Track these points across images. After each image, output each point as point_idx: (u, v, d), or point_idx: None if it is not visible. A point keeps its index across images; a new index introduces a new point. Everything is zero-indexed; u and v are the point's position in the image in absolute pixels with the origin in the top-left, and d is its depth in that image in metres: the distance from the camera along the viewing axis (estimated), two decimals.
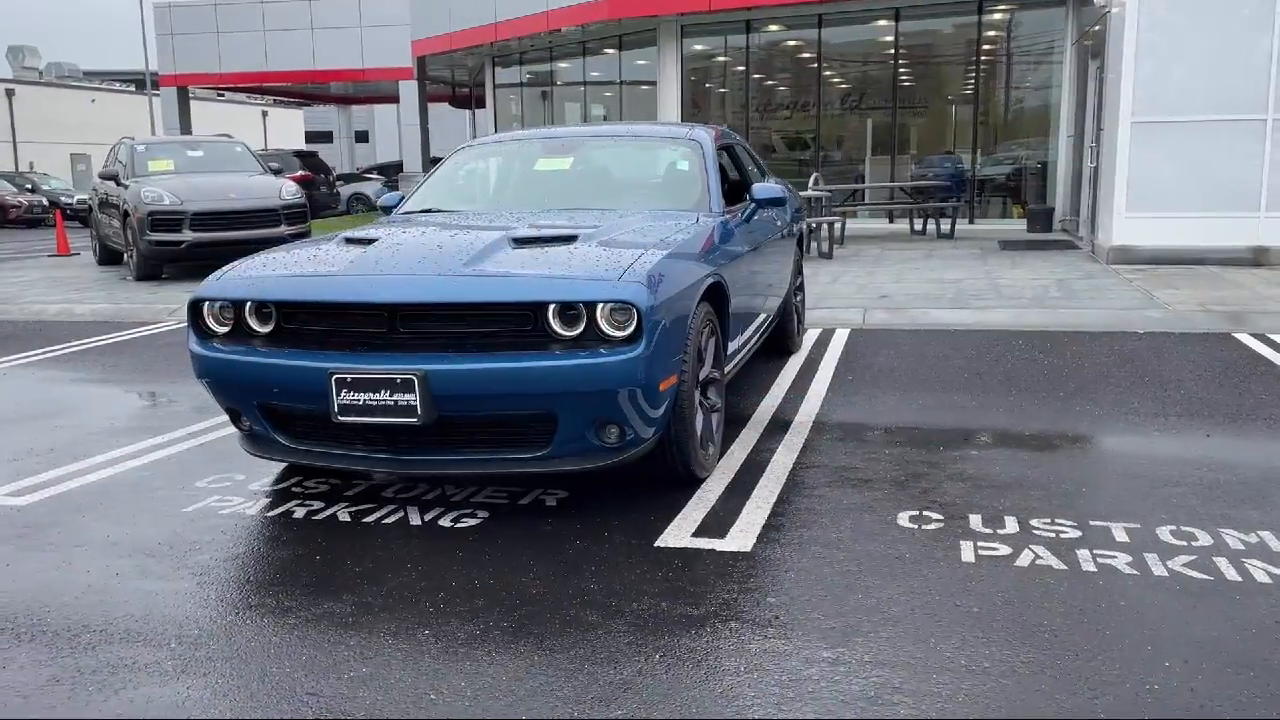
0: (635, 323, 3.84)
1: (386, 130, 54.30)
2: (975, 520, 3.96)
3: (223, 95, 45.43)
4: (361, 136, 51.84)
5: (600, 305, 3.85)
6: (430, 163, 28.53)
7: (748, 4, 16.31)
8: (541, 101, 22.46)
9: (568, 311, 3.88)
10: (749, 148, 6.95)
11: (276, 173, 14.78)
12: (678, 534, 3.90)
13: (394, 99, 36.26)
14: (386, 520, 4.15)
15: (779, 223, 6.46)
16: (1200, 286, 9.58)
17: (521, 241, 4.31)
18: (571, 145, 5.84)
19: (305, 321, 4.11)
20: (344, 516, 4.21)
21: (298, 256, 4.51)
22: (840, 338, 7.96)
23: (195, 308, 4.30)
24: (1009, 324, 8.32)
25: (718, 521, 4.02)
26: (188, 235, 12.41)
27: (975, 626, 3.06)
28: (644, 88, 19.26)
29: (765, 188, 5.51)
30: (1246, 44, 10.83)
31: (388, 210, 6.01)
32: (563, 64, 20.99)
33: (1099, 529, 3.84)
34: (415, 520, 4.14)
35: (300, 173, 23.75)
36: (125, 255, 13.34)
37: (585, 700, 2.68)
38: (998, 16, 16.33)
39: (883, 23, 16.62)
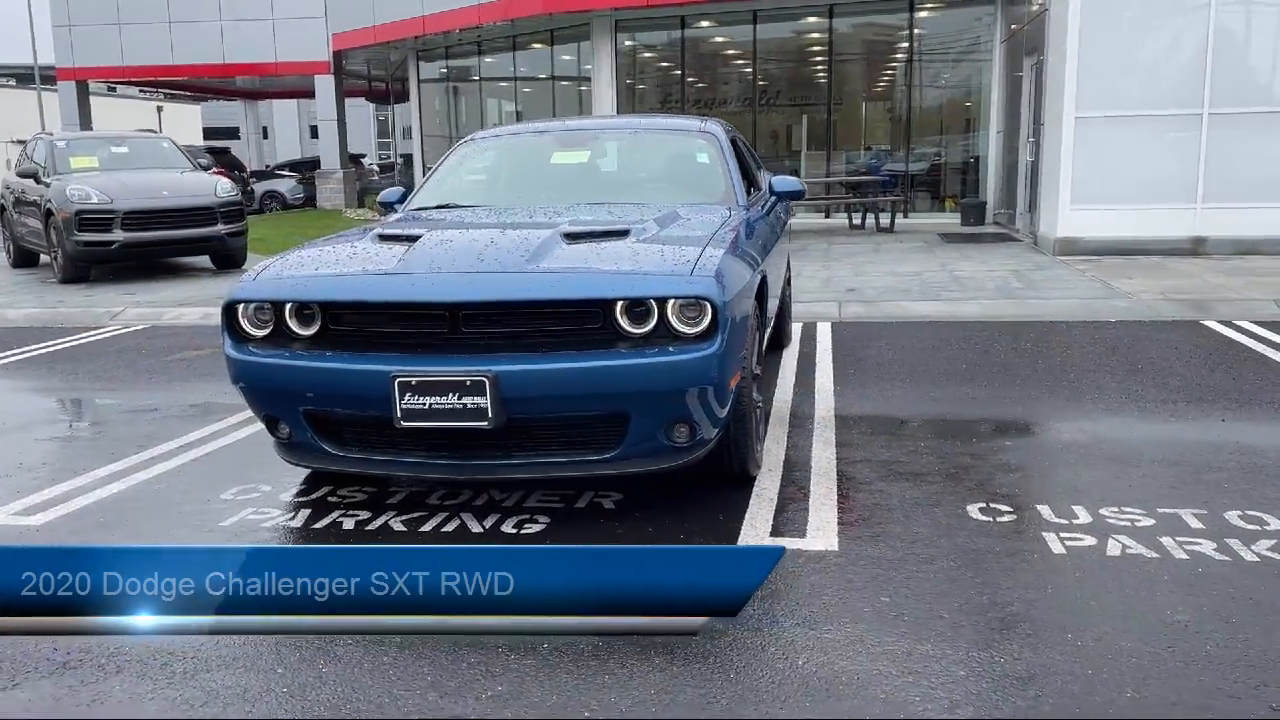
0: (709, 319, 3.74)
1: (286, 126, 52.92)
2: (1045, 511, 3.98)
3: (114, 90, 43.61)
4: (262, 133, 50.41)
5: (672, 301, 3.74)
6: (350, 160, 27.88)
7: (683, 0, 16.30)
8: (457, 96, 22.10)
9: (636, 308, 3.77)
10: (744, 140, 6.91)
11: (206, 169, 14.21)
12: (755, 534, 3.82)
13: (305, 94, 35.32)
14: (445, 528, 3.97)
15: (784, 215, 6.43)
16: (1152, 276, 9.89)
17: (574, 237, 4.17)
18: (585, 138, 5.71)
19: (357, 323, 3.92)
20: (398, 526, 4.02)
21: (334, 255, 4.30)
22: (824, 331, 7.98)
23: (230, 310, 4.05)
24: (982, 315, 8.45)
25: (789, 520, 3.96)
26: (119, 235, 11.81)
27: (1106, 619, 3.05)
28: (576, 83, 19.11)
29: (784, 180, 5.47)
30: (1183, 41, 11.21)
31: (387, 206, 5.80)
32: (490, 58, 20.68)
33: (1169, 516, 3.89)
34: (475, 528, 3.97)
35: (214, 170, 22.89)
36: (47, 256, 12.66)
37: (751, 702, 2.59)
38: (928, 14, 16.63)
39: (816, 20, 16.78)
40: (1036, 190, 12.98)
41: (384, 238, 4.40)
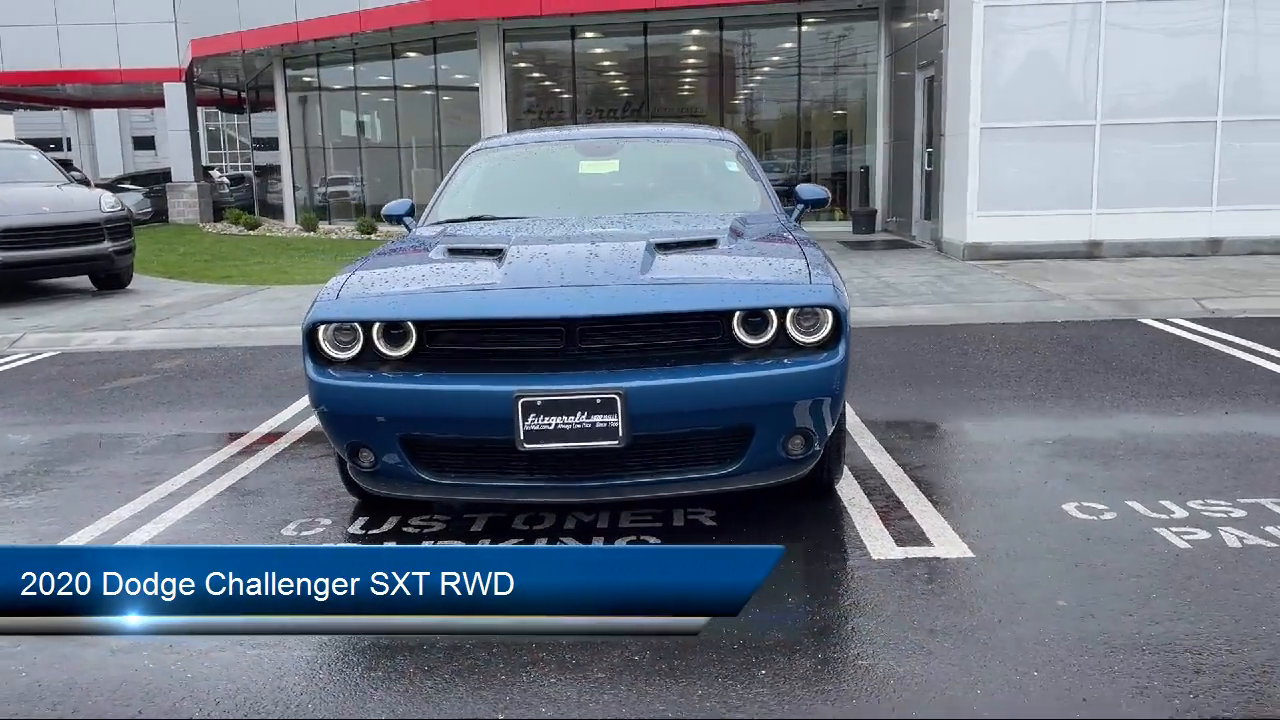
0: (830, 327, 3.70)
1: (106, 138, 49.73)
2: (1138, 506, 4.09)
3: None
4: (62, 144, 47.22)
5: (791, 311, 3.68)
6: (204, 172, 26.51)
7: (574, 10, 16.22)
8: (327, 106, 21.34)
9: (752, 319, 3.68)
10: None
11: (83, 182, 13.22)
12: (882, 545, 3.79)
13: (141, 103, 33.48)
14: None
15: None
16: (1069, 279, 10.41)
17: (666, 247, 4.04)
18: (608, 147, 5.55)
19: (463, 342, 3.69)
20: None
21: (411, 272, 4.04)
22: None
23: (313, 331, 3.75)
24: (934, 319, 8.69)
25: (904, 530, 3.93)
26: None
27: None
28: (461, 93, 18.73)
29: (810, 189, 5.46)
30: (1078, 56, 11.88)
31: (393, 219, 5.51)
32: (365, 66, 20.03)
33: (1255, 506, 4.06)
34: None
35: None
36: None
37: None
38: (815, 28, 17.07)
39: (706, 32, 16.99)
40: (936, 198, 13.49)
41: (456, 252, 4.16)
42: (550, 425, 3.51)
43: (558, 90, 18.29)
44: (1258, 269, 10.78)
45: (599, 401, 3.50)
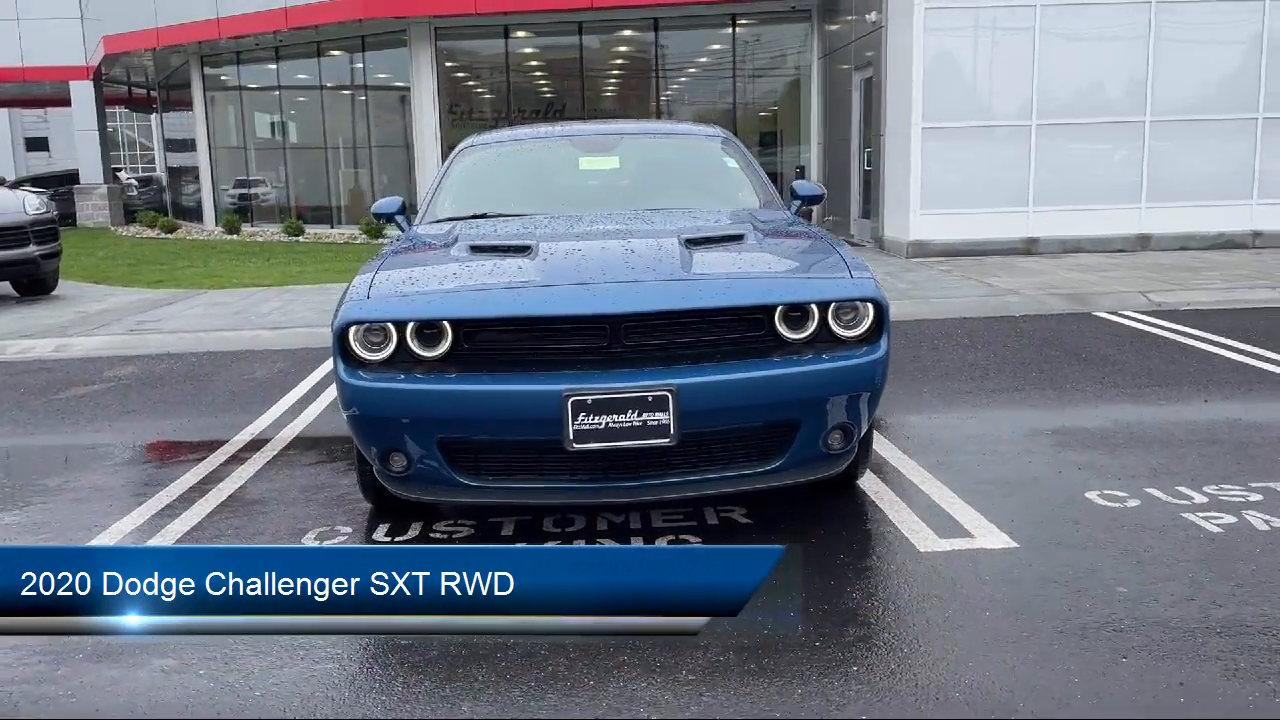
0: (871, 320, 3.70)
1: None
2: (1158, 493, 4.18)
3: None
4: None
5: (833, 305, 3.67)
6: (111, 174, 25.56)
7: (508, 9, 16.07)
8: (248, 105, 20.77)
9: (793, 313, 3.66)
10: None
11: (5, 184, 12.60)
12: (925, 538, 3.80)
13: (42, 102, 32.22)
14: None
15: None
16: (1015, 274, 10.65)
17: (695, 243, 3.99)
18: (608, 143, 5.48)
19: (504, 341, 3.58)
20: None
21: (440, 270, 3.90)
22: None
23: (344, 333, 3.60)
24: (896, 315, 8.69)
25: (941, 522, 3.95)
26: None
27: None
28: (391, 92, 18.39)
29: (807, 185, 5.46)
30: (1015, 58, 12.17)
31: (384, 217, 5.35)
32: (288, 65, 19.53)
33: (1269, 490, 4.17)
34: None
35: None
36: None
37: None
38: (748, 29, 17.20)
39: (641, 33, 16.98)
40: (877, 197, 13.69)
41: (480, 249, 4.04)
42: (601, 424, 3.44)
43: (490, 90, 18.09)
44: (1189, 263, 11.18)
45: (650, 399, 3.44)
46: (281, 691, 2.80)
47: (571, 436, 3.44)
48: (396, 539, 3.98)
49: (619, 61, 17.89)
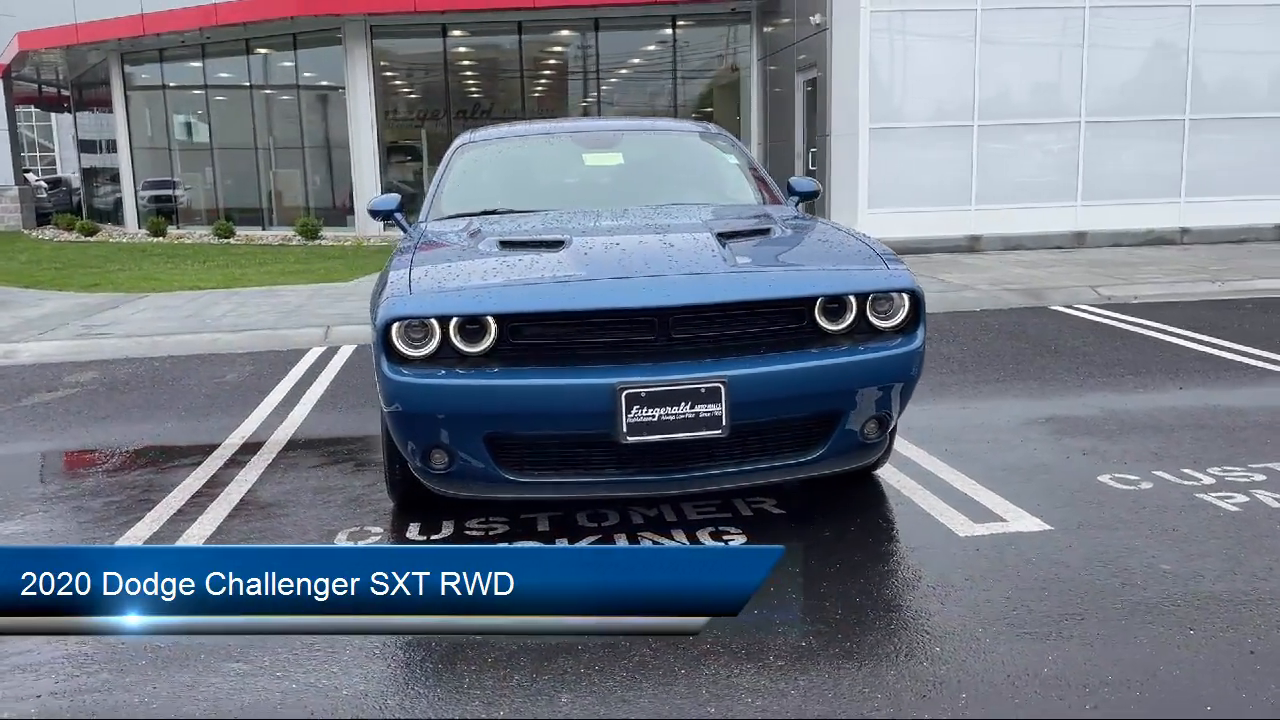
0: (907, 310, 3.77)
1: None
2: (1167, 475, 4.34)
3: None
4: None
5: (871, 296, 3.74)
6: (21, 176, 24.58)
7: (446, 7, 15.91)
8: (172, 104, 20.18)
9: (830, 305, 3.72)
10: None
11: None
12: (961, 524, 3.88)
13: None
14: None
15: None
16: (966, 271, 10.92)
17: (726, 236, 4.02)
18: (609, 140, 5.47)
19: (550, 335, 3.56)
20: None
21: (476, 266, 3.85)
22: None
23: (387, 329, 3.54)
24: None
25: (973, 508, 4.04)
26: None
27: None
28: (324, 91, 18.05)
29: (804, 181, 5.53)
30: (957, 60, 12.48)
31: (381, 214, 5.27)
32: (215, 63, 19.03)
33: (1269, 470, 4.36)
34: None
35: None
36: None
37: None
38: (688, 30, 17.30)
39: (580, 33, 16.96)
40: (823, 198, 13.87)
41: (510, 245, 4.01)
42: (654, 417, 3.44)
43: (427, 90, 17.88)
44: (1125, 259, 11.60)
45: (703, 391, 3.46)
46: (370, 690, 2.75)
47: (625, 429, 3.43)
48: (431, 537, 3.93)
49: (557, 62, 17.84)
